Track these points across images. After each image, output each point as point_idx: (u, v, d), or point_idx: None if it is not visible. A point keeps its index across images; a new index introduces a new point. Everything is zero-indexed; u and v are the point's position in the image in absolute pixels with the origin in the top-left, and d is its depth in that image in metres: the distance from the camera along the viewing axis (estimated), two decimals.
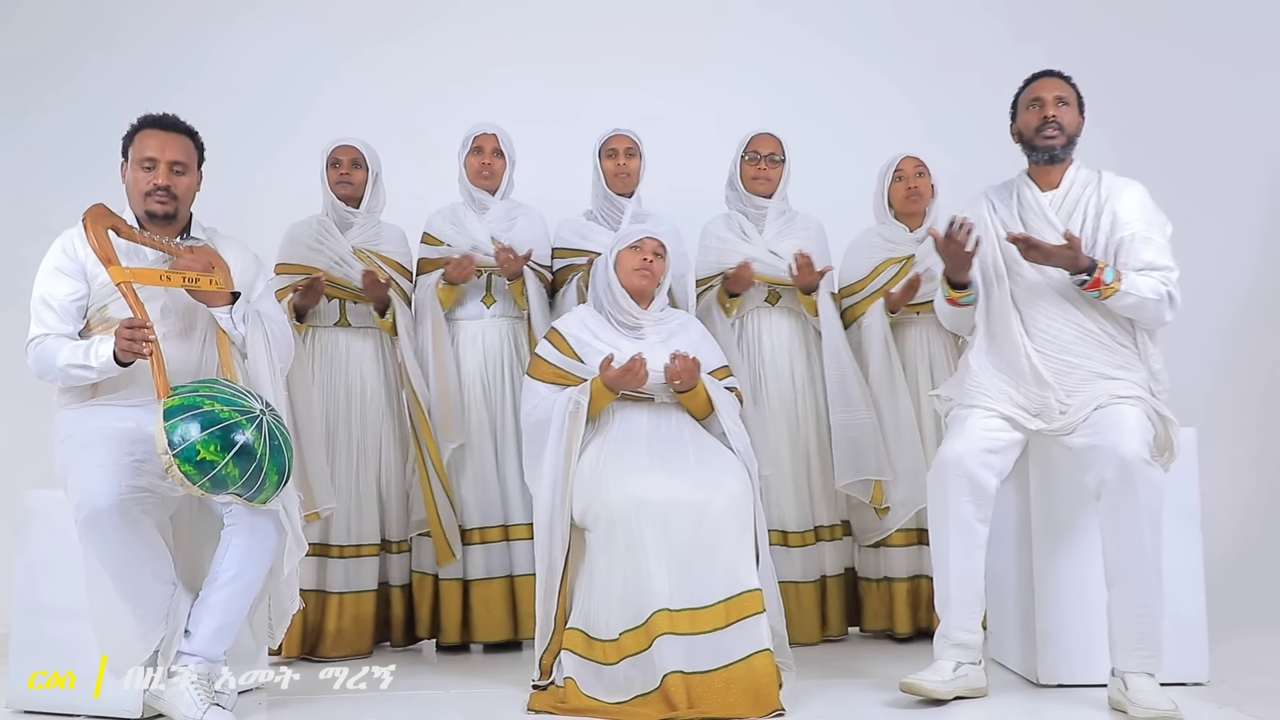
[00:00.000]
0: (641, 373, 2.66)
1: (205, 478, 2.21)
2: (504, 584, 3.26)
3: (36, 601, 2.49)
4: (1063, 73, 2.69)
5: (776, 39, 4.50)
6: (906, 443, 3.24)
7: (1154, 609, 2.38)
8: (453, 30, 4.48)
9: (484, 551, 3.26)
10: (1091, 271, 2.48)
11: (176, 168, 2.52)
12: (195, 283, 2.45)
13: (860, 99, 4.43)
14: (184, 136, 2.55)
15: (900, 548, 3.29)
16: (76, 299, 2.48)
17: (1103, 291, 2.49)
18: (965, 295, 2.63)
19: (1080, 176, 2.66)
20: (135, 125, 2.56)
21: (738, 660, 2.45)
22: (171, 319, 2.50)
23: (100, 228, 2.41)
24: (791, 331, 3.36)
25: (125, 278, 2.38)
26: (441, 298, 3.30)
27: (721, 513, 2.54)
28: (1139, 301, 2.50)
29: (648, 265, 2.81)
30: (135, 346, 2.32)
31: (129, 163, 2.54)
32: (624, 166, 3.39)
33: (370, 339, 3.35)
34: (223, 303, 2.49)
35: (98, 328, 2.48)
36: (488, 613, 3.24)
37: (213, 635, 2.35)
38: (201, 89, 4.33)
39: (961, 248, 2.51)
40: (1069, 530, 2.64)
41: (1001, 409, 2.56)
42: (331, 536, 3.22)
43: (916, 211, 3.39)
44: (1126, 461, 2.37)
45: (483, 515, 3.27)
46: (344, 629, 3.20)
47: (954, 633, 2.52)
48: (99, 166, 4.20)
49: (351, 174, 3.34)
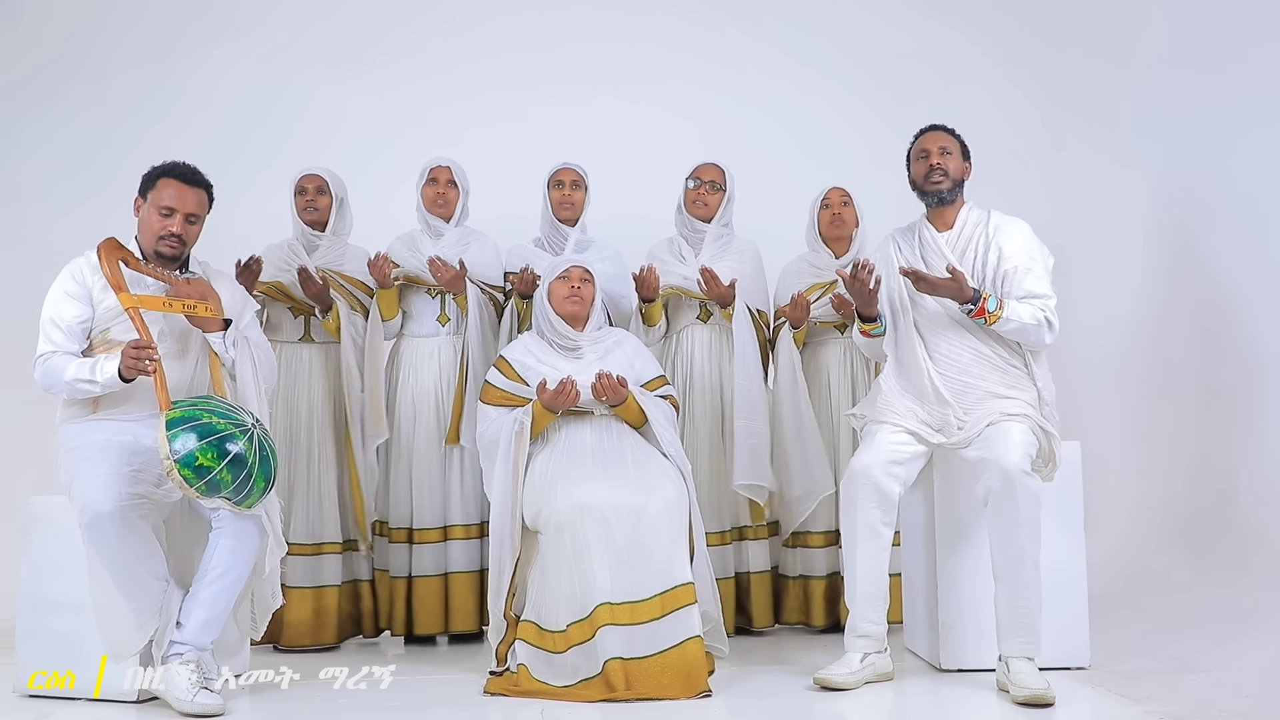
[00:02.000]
0: (573, 393, 2.96)
1: (201, 481, 2.49)
2: (440, 580, 3.54)
3: (40, 597, 2.75)
4: (946, 125, 3.02)
5: (742, 73, 4.73)
6: (809, 440, 3.51)
7: (1032, 602, 2.69)
8: (422, 56, 4.69)
9: (431, 550, 3.54)
10: (976, 301, 2.79)
11: (190, 218, 2.79)
12: (194, 309, 2.72)
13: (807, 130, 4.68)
14: (201, 191, 2.83)
15: (820, 549, 3.60)
16: (82, 321, 2.74)
17: (987, 318, 2.80)
18: (875, 327, 2.96)
19: (972, 216, 2.98)
20: (159, 170, 2.81)
21: (671, 646, 2.73)
22: (169, 341, 2.77)
23: (113, 258, 2.70)
24: (721, 347, 3.62)
25: (133, 303, 2.66)
26: (380, 305, 3.59)
27: (657, 515, 2.82)
28: (1020, 326, 2.82)
29: (576, 292, 3.11)
30: (140, 365, 2.58)
31: (147, 203, 2.80)
32: (569, 197, 3.67)
33: (331, 354, 3.63)
34: (217, 328, 2.76)
35: (99, 348, 2.75)
36: (422, 607, 3.53)
37: (201, 626, 2.62)
38: (183, 114, 4.55)
39: (865, 285, 2.84)
40: (967, 532, 2.94)
41: (907, 425, 2.87)
42: (291, 534, 3.47)
43: (841, 237, 3.69)
44: (1008, 472, 2.68)
45: (430, 517, 3.55)
46: (304, 620, 3.46)
47: (860, 624, 2.82)
48: (86, 187, 4.47)
49: (316, 200, 3.63)
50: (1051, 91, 4.65)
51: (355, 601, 3.63)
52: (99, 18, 4.66)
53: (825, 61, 4.75)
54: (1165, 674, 2.86)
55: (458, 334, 3.65)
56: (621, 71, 4.67)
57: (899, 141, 4.31)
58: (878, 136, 4.53)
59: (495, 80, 4.66)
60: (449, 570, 3.54)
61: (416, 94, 4.66)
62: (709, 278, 3.48)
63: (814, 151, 4.57)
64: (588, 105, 4.63)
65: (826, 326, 3.65)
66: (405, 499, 3.58)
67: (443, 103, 4.64)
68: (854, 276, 2.84)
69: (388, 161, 4.41)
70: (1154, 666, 2.94)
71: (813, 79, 4.73)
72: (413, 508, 3.57)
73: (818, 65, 4.74)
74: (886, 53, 4.75)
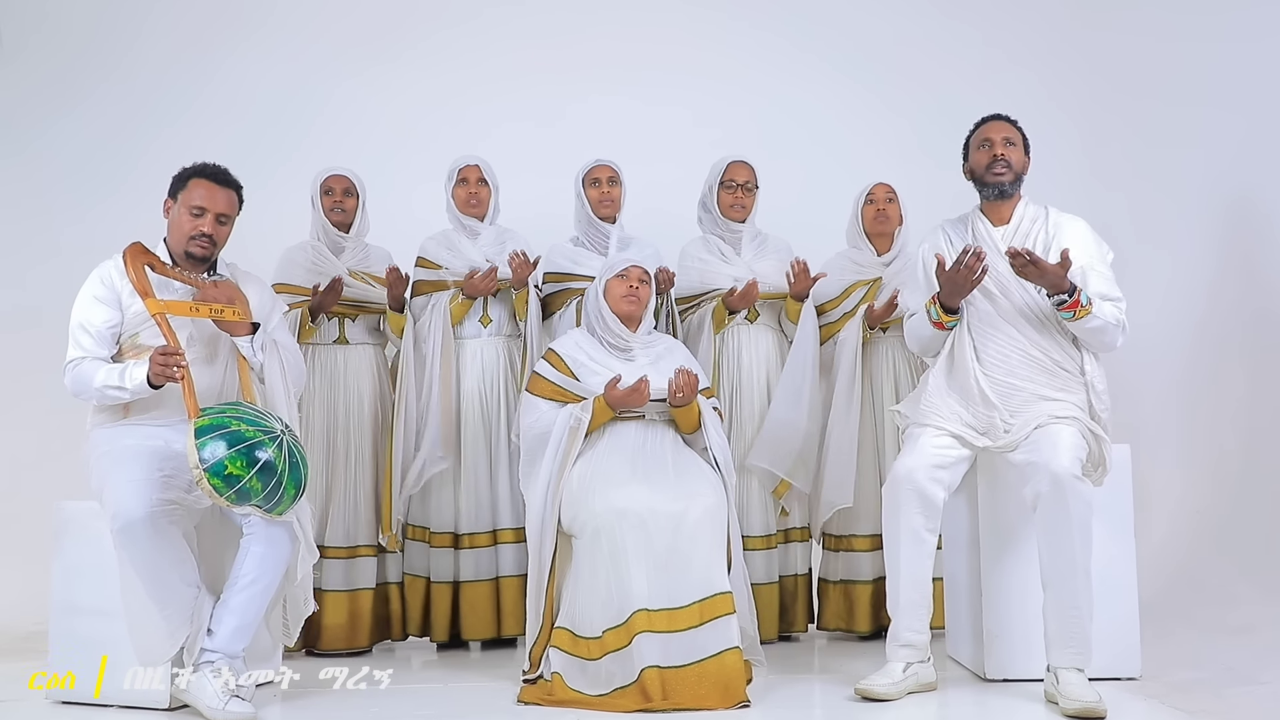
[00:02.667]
0: (646, 393, 2.90)
1: (231, 490, 2.46)
2: (490, 585, 3.50)
3: (72, 602, 2.74)
4: (1010, 116, 2.92)
5: (755, 68, 4.68)
6: (844, 456, 3.47)
7: (1083, 610, 2.61)
8: (442, 55, 4.67)
9: (474, 555, 3.50)
10: (1072, 294, 2.69)
11: (221, 219, 2.76)
12: (221, 314, 2.69)
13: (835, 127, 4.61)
14: (232, 191, 2.80)
15: (865, 553, 3.53)
16: (112, 326, 2.72)
17: (1077, 312, 2.68)
18: (954, 319, 2.81)
19: (1029, 212, 2.88)
20: (190, 170, 2.79)
21: (709, 656, 2.66)
22: (197, 346, 2.73)
23: (139, 263, 2.66)
24: (769, 347, 3.58)
25: (160, 309, 2.63)
26: (455, 312, 3.53)
27: (697, 522, 2.76)
28: (1102, 325, 2.71)
29: (634, 292, 3.05)
30: (168, 371, 2.55)
31: (177, 204, 2.77)
32: (607, 194, 3.62)
33: (366, 355, 3.60)
34: (244, 332, 2.73)
35: (129, 353, 2.72)
36: (473, 612, 3.49)
37: (233, 634, 2.59)
38: (204, 114, 4.55)
39: (971, 274, 2.71)
40: (1013, 538, 2.86)
41: (951, 428, 2.79)
42: (328, 538, 3.47)
43: (884, 233, 3.62)
44: (1058, 477, 2.60)
45: (475, 522, 3.51)
46: (340, 624, 3.45)
47: (903, 633, 2.75)
48: (107, 186, 4.48)
49: (344, 201, 3.60)
50: (1079, 86, 4.55)
51: (386, 605, 3.60)
52: (121, 19, 4.67)
53: (844, 58, 4.70)
54: (1220, 685, 2.78)
55: (500, 335, 3.60)
56: (641, 70, 4.64)
57: (918, 139, 4.41)
58: (895, 134, 4.53)
59: (514, 80, 4.64)
60: (500, 574, 3.50)
61: (435, 93, 4.64)
62: (801, 271, 3.43)
63: (832, 149, 4.53)
64: (609, 104, 4.59)
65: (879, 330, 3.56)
66: (450, 503, 3.53)
67: (461, 102, 4.62)
68: (961, 265, 2.69)
69: (407, 160, 4.40)
70: (1208, 678, 2.86)
71: (831, 75, 4.68)
72: (458, 511, 3.52)
73: (836, 61, 4.69)
74: (906, 49, 4.69)
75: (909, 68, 4.64)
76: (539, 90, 4.62)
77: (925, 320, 2.85)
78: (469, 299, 3.51)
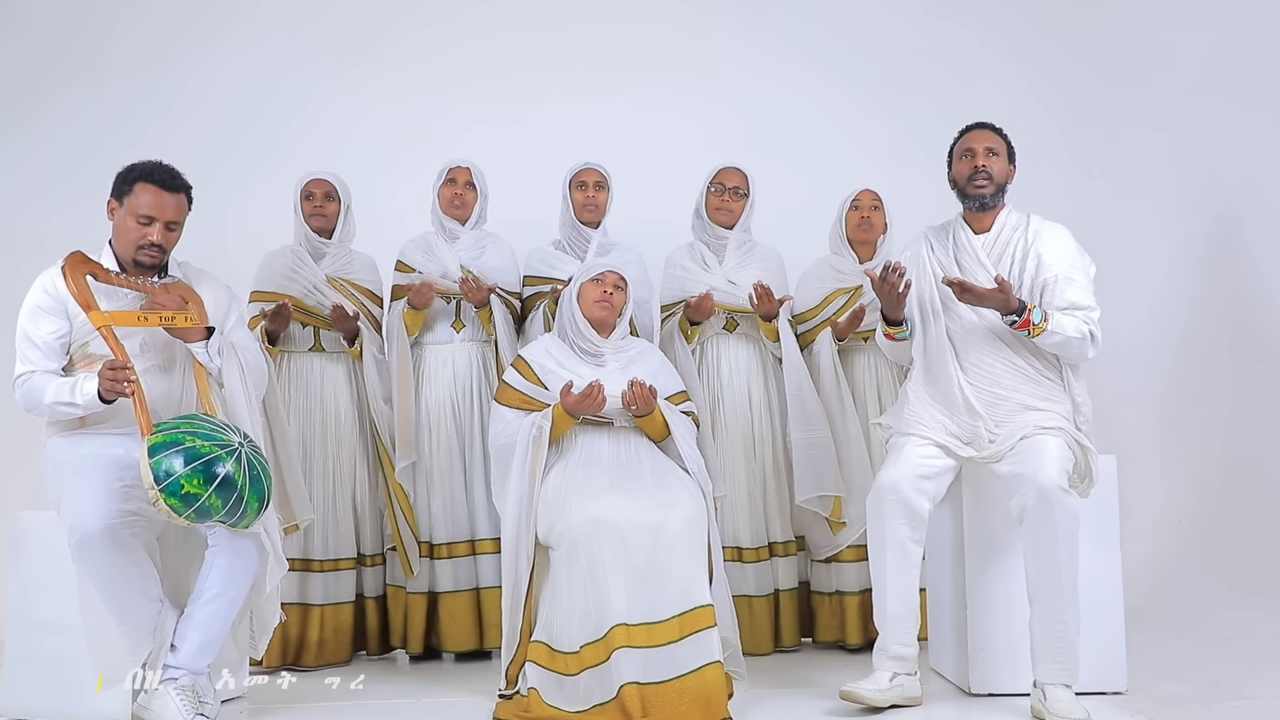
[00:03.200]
0: (599, 398, 2.82)
1: (190, 509, 2.35)
2: (470, 596, 3.43)
3: (30, 616, 2.62)
4: (994, 125, 2.87)
5: (750, 71, 4.61)
6: (856, 462, 3.42)
7: (1070, 625, 2.57)
8: (424, 54, 4.58)
9: (451, 565, 3.42)
10: (1021, 313, 2.65)
11: (170, 225, 2.62)
12: (171, 320, 2.56)
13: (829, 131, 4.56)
14: (181, 195, 2.63)
15: (852, 563, 3.47)
16: (59, 336, 2.58)
17: (1031, 331, 2.66)
18: (900, 331, 2.82)
19: (1010, 220, 2.84)
20: (135, 173, 2.62)
21: (690, 671, 2.60)
22: (151, 354, 2.61)
23: (79, 274, 2.51)
24: (749, 357, 3.53)
25: (105, 321, 2.49)
26: (407, 323, 3.45)
27: (676, 532, 2.69)
28: (1064, 340, 2.68)
29: (608, 298, 2.99)
30: (118, 386, 2.43)
31: (122, 207, 2.61)
32: (592, 199, 3.55)
33: (343, 363, 3.51)
34: (198, 338, 2.60)
35: (80, 364, 2.59)
36: (454, 623, 3.41)
37: (197, 649, 2.50)
38: (182, 114, 4.44)
39: (894, 289, 2.70)
40: (998, 550, 2.82)
41: (936, 437, 2.74)
42: (312, 551, 3.39)
43: (868, 241, 3.57)
44: (1045, 489, 2.55)
45: (450, 531, 3.43)
46: (325, 639, 3.37)
47: (890, 645, 2.70)
48: (85, 187, 4.17)
49: (324, 206, 3.49)
50: (1069, 88, 4.52)
51: (364, 618, 3.51)
52: (96, 16, 4.55)
53: (834, 59, 4.64)
54: (1207, 700, 2.75)
55: (473, 340, 3.52)
56: (628, 69, 4.56)
57: (909, 141, 4.36)
58: (886, 135, 4.49)
59: (498, 78, 4.56)
60: (480, 585, 3.42)
61: (418, 92, 4.56)
62: (763, 294, 3.38)
63: (822, 151, 4.48)
64: (594, 103, 4.52)
65: (856, 338, 3.52)
66: (424, 512, 3.46)
67: (444, 100, 4.54)
68: (883, 279, 2.70)
69: (389, 161, 4.32)
70: (1194, 691, 2.82)
71: (821, 77, 4.62)
72: (432, 521, 3.45)
73: (826, 63, 4.63)
74: (896, 50, 4.64)
75: (899, 68, 4.60)
76: (520, 90, 4.54)
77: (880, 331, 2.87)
78: (413, 309, 3.43)
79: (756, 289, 3.39)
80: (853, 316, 3.42)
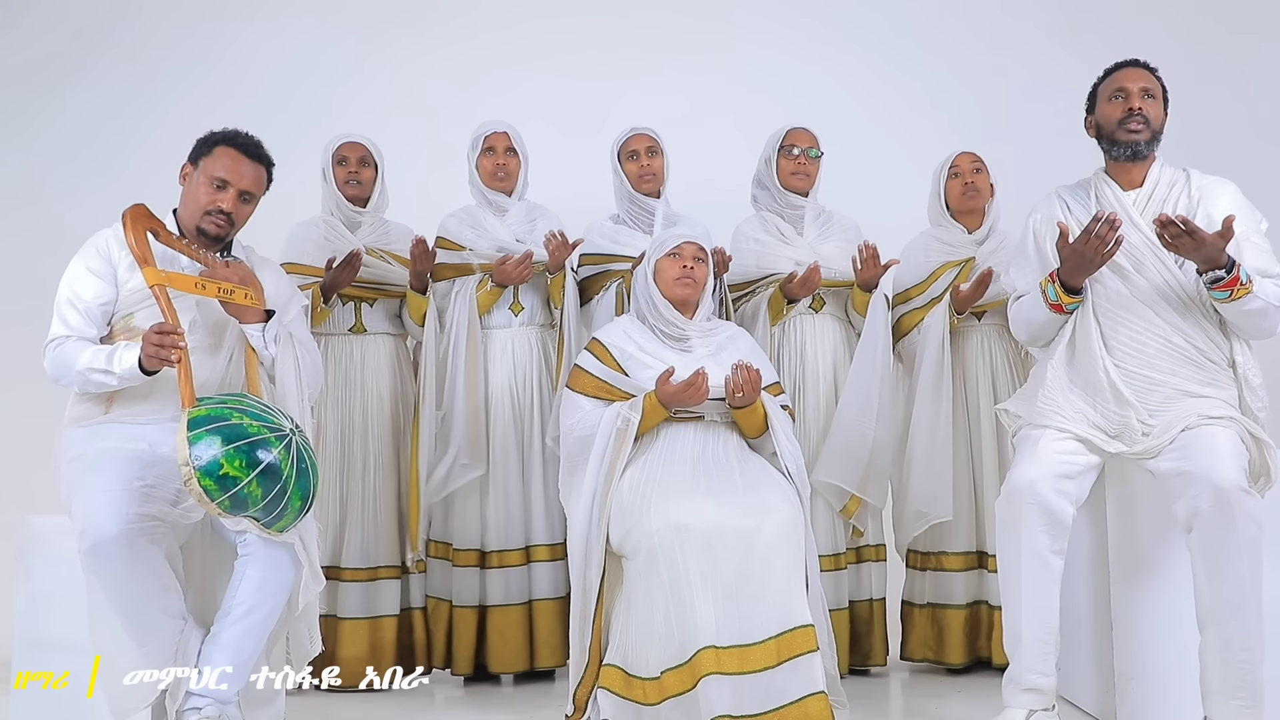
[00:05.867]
0: (704, 389, 2.50)
1: (226, 495, 2.06)
2: (522, 610, 3.08)
3: (39, 634, 2.34)
4: (1149, 63, 2.48)
5: (799, 37, 4.39)
6: (938, 454, 3.04)
7: (1254, 653, 2.17)
8: (468, 31, 4.39)
9: (503, 576, 3.08)
10: (1230, 269, 2.25)
11: (245, 196, 2.41)
12: (230, 294, 2.32)
13: (886, 101, 4.31)
14: (262, 167, 2.45)
15: (958, 572, 3.09)
16: (104, 302, 2.36)
17: (1234, 291, 2.25)
18: (1075, 301, 2.40)
19: (1166, 175, 2.45)
20: (218, 136, 2.44)
21: (790, 703, 2.29)
22: (199, 333, 2.36)
23: (140, 228, 2.30)
24: (835, 339, 3.17)
25: (160, 280, 2.25)
26: (483, 302, 3.13)
27: (771, 541, 2.38)
28: (1263, 307, 2.29)
29: (689, 273, 2.65)
30: (163, 353, 2.18)
31: (197, 170, 2.41)
32: (648, 167, 3.20)
33: (386, 346, 3.20)
34: (255, 319, 2.37)
35: (121, 335, 2.35)
36: (504, 642, 3.07)
37: (225, 675, 2.18)
38: (215, 89, 4.28)
39: (1103, 245, 2.29)
40: (1152, 562, 2.42)
41: (1077, 429, 2.36)
42: (344, 558, 3.07)
43: (975, 209, 3.19)
44: (1223, 490, 2.15)
45: (505, 537, 3.09)
46: (358, 656, 3.03)
47: (1025, 675, 2.32)
48: (113, 167, 4.26)
49: (360, 172, 3.20)
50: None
51: (411, 633, 3.17)
52: None
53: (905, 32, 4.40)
54: None
55: (533, 324, 3.20)
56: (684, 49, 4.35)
57: (993, 117, 4.06)
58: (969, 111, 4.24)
59: (546, 56, 4.34)
60: (533, 598, 3.08)
61: (459, 71, 4.34)
62: (870, 256, 3.02)
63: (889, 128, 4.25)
64: (652, 72, 4.29)
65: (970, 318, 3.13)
66: (476, 516, 3.11)
67: (488, 81, 4.30)
68: (1088, 233, 2.27)
69: (427, 141, 4.07)
70: None
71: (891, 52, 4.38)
72: (485, 526, 3.10)
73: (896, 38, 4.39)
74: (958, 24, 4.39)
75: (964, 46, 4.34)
76: (568, 69, 4.31)
77: (1039, 302, 2.43)
78: (499, 286, 3.10)
79: (862, 250, 3.03)
80: (979, 282, 3.02)
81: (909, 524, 3.11)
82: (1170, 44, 4.13)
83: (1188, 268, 2.34)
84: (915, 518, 3.08)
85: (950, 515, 3.02)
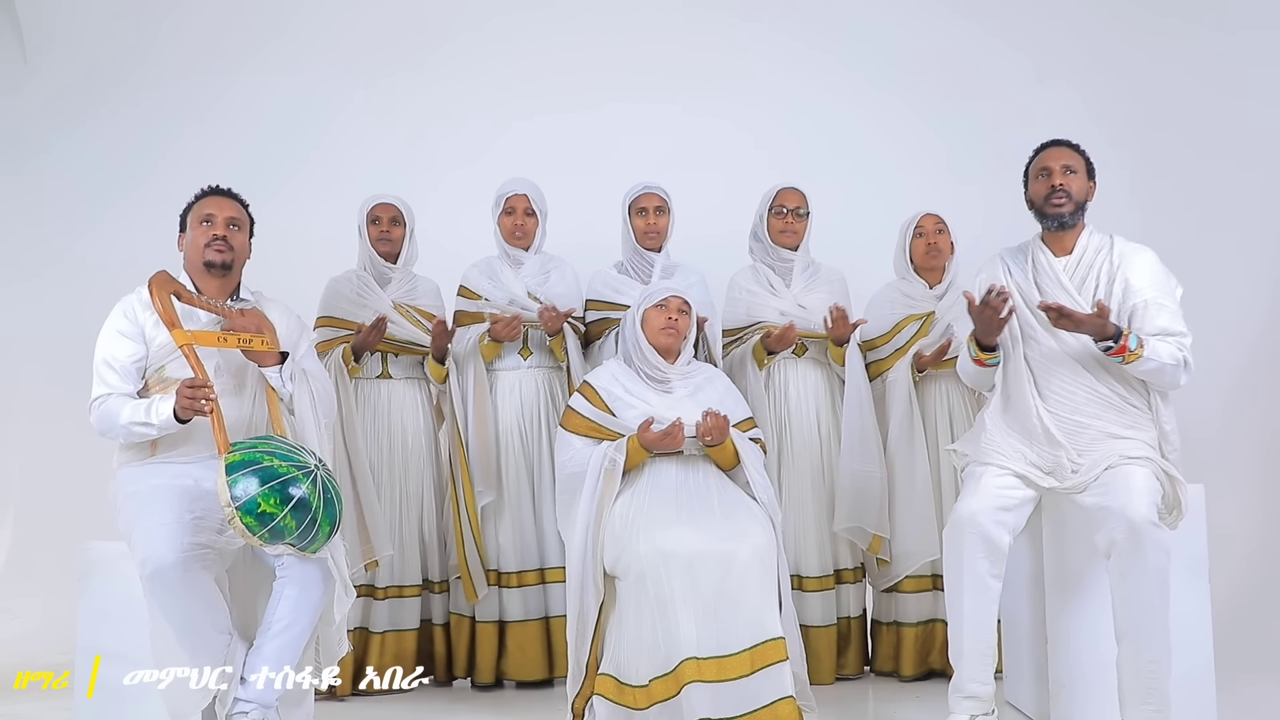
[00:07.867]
0: (680, 436, 2.78)
1: (265, 529, 2.35)
2: (539, 625, 3.40)
3: (99, 647, 2.60)
4: (1071, 141, 2.78)
5: (799, 89, 4.58)
6: (919, 497, 3.33)
7: (1161, 665, 2.46)
8: (474, 70, 4.59)
9: (520, 594, 3.40)
10: (1117, 339, 2.56)
11: (232, 224, 2.72)
12: (249, 343, 2.61)
13: (882, 147, 4.51)
14: (237, 202, 2.77)
15: (911, 594, 3.39)
16: (136, 360, 2.64)
17: (1126, 357, 2.56)
18: (992, 357, 2.72)
19: (1093, 242, 2.75)
20: (193, 198, 2.76)
21: (762, 707, 2.56)
22: (225, 377, 2.65)
23: (164, 293, 2.58)
24: (817, 381, 3.47)
25: (187, 340, 2.54)
26: (484, 352, 3.44)
27: (746, 563, 2.65)
28: (1158, 367, 2.57)
29: (672, 324, 2.94)
30: (196, 405, 2.47)
31: (188, 228, 2.73)
32: (653, 225, 3.52)
33: (410, 389, 3.51)
34: (273, 362, 2.64)
35: (155, 388, 2.64)
36: (522, 653, 3.38)
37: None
38: (219, 124, 4.51)
39: (996, 314, 2.61)
40: (1080, 583, 2.71)
41: (1015, 467, 2.65)
42: (377, 578, 3.38)
43: (936, 267, 3.49)
44: (1135, 524, 2.45)
45: (520, 559, 3.41)
46: (385, 665, 3.35)
47: (967, 684, 2.61)
48: (123, 201, 4.42)
49: (391, 231, 3.50)
50: (1140, 101, 4.40)
51: (431, 644, 3.50)
52: (136, 30, 4.63)
53: (886, 77, 4.59)
54: None
55: (540, 367, 3.51)
56: (680, 80, 4.55)
57: (962, 157, 4.30)
58: (938, 153, 4.47)
59: (552, 95, 4.56)
60: (549, 614, 3.40)
61: (466, 108, 4.57)
62: (839, 317, 3.32)
63: (874, 169, 4.45)
64: (646, 113, 4.51)
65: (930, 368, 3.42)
66: (493, 541, 3.43)
67: (495, 116, 4.54)
68: (984, 303, 2.60)
69: (420, 171, 4.34)
70: None
71: (873, 94, 4.58)
72: (500, 550, 3.42)
73: (879, 79, 4.59)
74: (951, 66, 4.57)
75: (952, 86, 4.54)
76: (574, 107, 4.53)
77: (966, 356, 2.77)
78: (495, 341, 3.41)
79: (833, 312, 3.34)
80: (938, 351, 3.33)
81: (898, 563, 3.37)
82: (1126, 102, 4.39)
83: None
84: (904, 558, 3.34)
85: (938, 553, 3.23)
